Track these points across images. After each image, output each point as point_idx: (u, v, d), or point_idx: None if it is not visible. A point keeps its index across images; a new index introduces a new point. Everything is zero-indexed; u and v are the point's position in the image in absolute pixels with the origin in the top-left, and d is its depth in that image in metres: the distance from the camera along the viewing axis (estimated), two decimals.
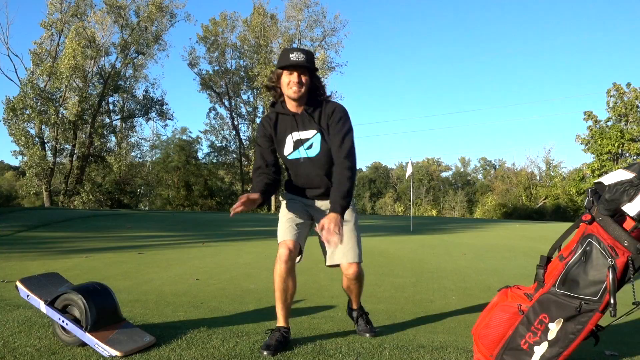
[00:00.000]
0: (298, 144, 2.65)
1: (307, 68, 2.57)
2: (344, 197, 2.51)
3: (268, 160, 2.72)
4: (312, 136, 2.64)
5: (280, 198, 2.87)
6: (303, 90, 2.57)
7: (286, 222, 2.67)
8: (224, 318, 3.29)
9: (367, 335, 2.82)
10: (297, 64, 2.53)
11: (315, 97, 2.66)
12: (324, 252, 2.78)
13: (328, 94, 2.72)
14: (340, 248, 2.64)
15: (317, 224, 2.70)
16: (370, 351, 2.48)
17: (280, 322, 2.59)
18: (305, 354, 2.41)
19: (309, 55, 2.58)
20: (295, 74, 2.55)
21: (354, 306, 2.98)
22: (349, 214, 2.70)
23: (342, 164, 2.57)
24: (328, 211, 2.52)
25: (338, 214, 2.46)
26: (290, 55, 2.54)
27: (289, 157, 2.69)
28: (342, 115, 2.62)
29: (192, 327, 2.75)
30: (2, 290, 4.11)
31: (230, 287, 4.67)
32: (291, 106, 2.65)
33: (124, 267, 5.84)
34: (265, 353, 2.38)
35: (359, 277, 2.73)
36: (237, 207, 2.48)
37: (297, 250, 2.59)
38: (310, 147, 2.64)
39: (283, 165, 2.82)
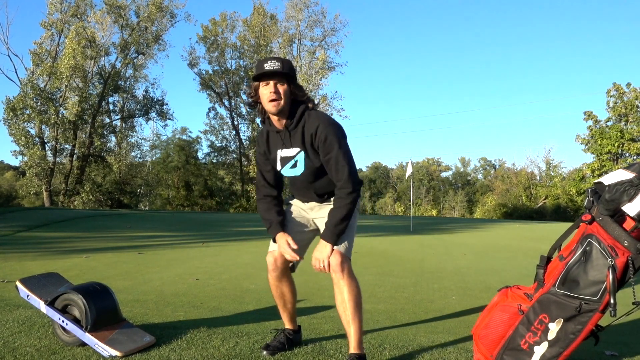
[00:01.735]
0: (284, 161, 2.50)
1: (284, 75, 2.35)
2: (338, 224, 2.33)
3: (268, 179, 2.60)
4: (296, 154, 2.45)
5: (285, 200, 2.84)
6: (282, 102, 2.35)
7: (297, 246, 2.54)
8: (224, 318, 3.29)
9: None
10: (271, 72, 2.31)
11: (296, 108, 2.42)
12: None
13: (317, 95, 2.56)
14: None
15: (318, 227, 2.63)
16: (370, 351, 2.48)
17: (285, 324, 2.60)
18: (305, 354, 2.41)
19: (286, 63, 2.36)
20: (272, 83, 2.33)
21: (353, 349, 2.33)
22: None
23: (342, 190, 2.36)
24: (321, 233, 2.40)
25: (330, 245, 2.31)
26: (265, 65, 2.33)
27: (282, 172, 2.57)
28: (327, 134, 2.34)
29: (192, 327, 2.75)
30: (2, 290, 4.11)
31: (230, 287, 4.66)
32: (274, 121, 2.46)
33: (124, 267, 5.83)
34: (264, 353, 2.38)
35: (348, 275, 2.33)
36: (293, 255, 2.37)
37: (282, 258, 2.47)
38: (294, 165, 2.48)
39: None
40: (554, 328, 2.06)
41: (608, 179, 2.05)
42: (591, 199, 2.12)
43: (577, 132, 58.00)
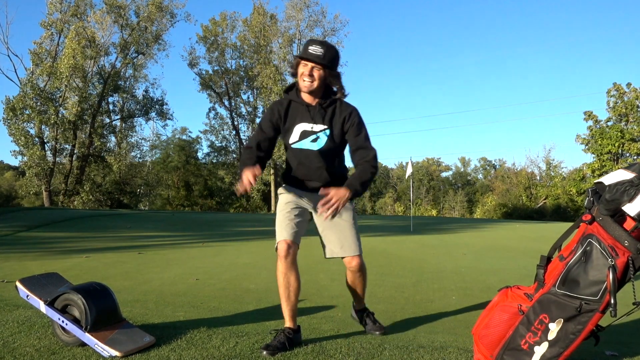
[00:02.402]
0: (304, 135, 2.63)
1: (323, 65, 2.52)
2: (362, 184, 2.51)
3: (263, 146, 2.67)
4: (320, 130, 2.62)
5: (278, 191, 2.85)
6: (315, 85, 2.55)
7: (284, 219, 2.65)
8: (223, 318, 3.28)
9: (377, 333, 2.85)
10: (310, 57, 2.50)
11: (330, 93, 2.65)
12: (323, 245, 2.79)
13: (346, 93, 2.69)
14: (340, 242, 2.69)
15: (315, 219, 2.76)
16: (370, 351, 2.48)
17: (286, 322, 2.59)
18: (305, 354, 2.40)
19: (330, 53, 2.52)
20: (309, 66, 2.52)
21: (359, 306, 2.98)
22: (347, 209, 2.72)
23: (369, 162, 2.58)
24: (346, 182, 2.53)
25: (349, 191, 2.43)
26: (310, 47, 2.52)
27: (293, 146, 2.67)
28: (360, 120, 2.64)
29: (192, 327, 2.75)
30: (2, 290, 4.11)
31: (230, 287, 4.66)
32: (305, 97, 2.63)
33: (124, 267, 5.83)
34: (264, 353, 2.37)
35: (362, 269, 2.76)
36: (247, 185, 2.42)
37: (295, 246, 2.59)
38: (315, 140, 2.62)
39: (282, 155, 2.82)
40: (554, 328, 2.06)
41: (608, 179, 2.05)
42: (591, 199, 2.12)
43: (577, 132, 58.03)
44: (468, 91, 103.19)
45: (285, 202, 2.73)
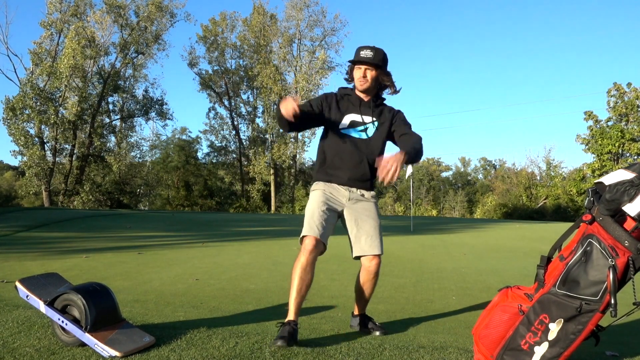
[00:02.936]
0: (353, 124, 2.82)
1: (374, 65, 2.76)
2: (415, 149, 2.66)
3: (305, 112, 2.73)
4: (369, 122, 2.83)
5: (313, 187, 2.88)
6: (368, 85, 2.79)
7: (317, 215, 2.69)
8: (223, 318, 3.28)
9: (378, 333, 2.87)
10: (363, 60, 2.76)
11: (380, 96, 2.90)
12: (351, 244, 2.82)
13: (398, 89, 2.90)
14: (368, 240, 2.74)
15: (344, 215, 2.82)
16: (370, 351, 2.48)
17: (291, 315, 2.59)
18: (305, 354, 2.40)
19: (379, 54, 2.78)
20: (363, 68, 2.78)
21: (359, 311, 2.99)
22: (373, 208, 2.84)
23: (418, 136, 2.79)
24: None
25: (406, 153, 2.52)
26: (361, 53, 2.78)
27: (342, 131, 2.81)
28: (404, 117, 2.91)
29: (192, 327, 2.74)
30: (2, 290, 4.10)
31: (230, 287, 4.66)
32: (359, 94, 2.86)
33: (123, 267, 5.83)
34: (279, 342, 2.37)
35: (378, 271, 2.81)
36: (293, 105, 2.50)
37: (322, 245, 2.64)
38: (364, 130, 2.82)
39: (322, 146, 2.89)
40: (554, 328, 2.06)
41: (608, 179, 2.05)
42: (592, 199, 2.12)
43: (578, 132, 58.06)
44: (468, 91, 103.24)
45: (320, 199, 2.77)
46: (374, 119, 2.84)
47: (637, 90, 35.79)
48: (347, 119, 2.83)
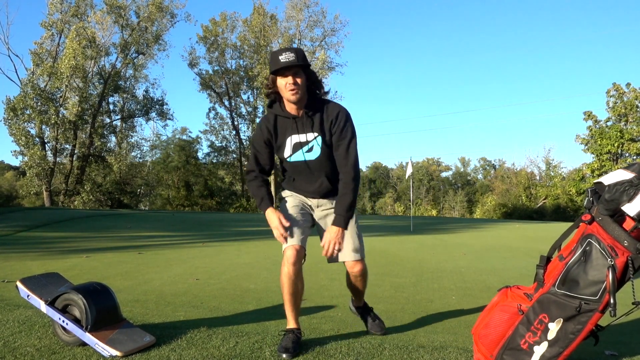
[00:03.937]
0: (297, 147, 2.59)
1: (300, 66, 2.46)
2: (348, 210, 2.56)
3: (263, 164, 2.69)
4: (312, 139, 2.57)
5: (283, 194, 2.84)
6: (301, 92, 2.48)
7: (289, 224, 2.62)
8: (224, 318, 3.29)
9: (378, 332, 2.87)
10: (288, 64, 2.41)
11: (314, 96, 2.59)
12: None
13: (326, 89, 2.70)
14: (348, 246, 2.67)
15: (318, 223, 2.75)
16: (370, 351, 2.48)
17: (292, 323, 2.57)
18: (305, 354, 2.41)
19: (299, 53, 2.46)
20: (290, 76, 2.44)
21: (357, 304, 3.00)
22: None
23: (347, 174, 2.57)
24: (331, 221, 2.60)
25: (341, 228, 2.54)
26: (280, 58, 2.42)
27: (289, 160, 2.64)
28: (347, 121, 2.56)
29: (192, 327, 2.75)
30: (3, 290, 4.11)
31: (230, 287, 4.66)
32: (290, 108, 2.57)
33: (124, 267, 5.84)
34: (284, 356, 2.34)
35: (364, 274, 2.76)
36: (284, 233, 2.54)
37: (303, 251, 2.56)
38: (310, 150, 2.59)
39: (279, 166, 2.81)
40: (553, 328, 2.06)
41: (608, 179, 2.05)
42: (591, 199, 2.12)
43: (577, 132, 58.00)
44: (468, 91, 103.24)
45: (291, 206, 2.69)
46: (316, 133, 2.55)
47: (636, 90, 35.78)
48: (289, 145, 2.59)
